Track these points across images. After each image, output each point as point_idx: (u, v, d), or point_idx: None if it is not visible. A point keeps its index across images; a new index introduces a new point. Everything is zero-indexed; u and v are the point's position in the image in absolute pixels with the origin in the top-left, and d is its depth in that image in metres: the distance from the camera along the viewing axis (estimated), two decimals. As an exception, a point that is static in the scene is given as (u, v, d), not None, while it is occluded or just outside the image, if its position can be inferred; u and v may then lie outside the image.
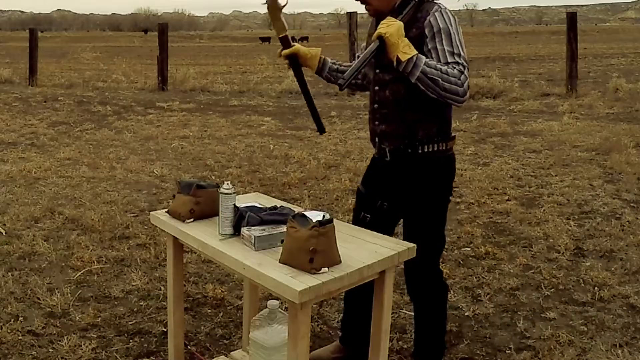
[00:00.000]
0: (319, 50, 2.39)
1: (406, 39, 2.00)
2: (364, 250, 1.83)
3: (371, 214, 2.33)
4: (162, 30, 12.44)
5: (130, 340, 2.75)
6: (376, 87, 2.25)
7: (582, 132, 7.32)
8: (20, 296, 3.14)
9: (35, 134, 7.56)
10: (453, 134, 2.25)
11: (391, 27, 1.98)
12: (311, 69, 2.39)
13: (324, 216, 1.73)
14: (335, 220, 1.76)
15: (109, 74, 15.15)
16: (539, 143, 6.80)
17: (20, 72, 13.96)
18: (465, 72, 2.02)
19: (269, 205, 2.04)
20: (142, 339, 2.77)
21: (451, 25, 2.09)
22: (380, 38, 1.98)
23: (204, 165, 6.00)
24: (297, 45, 2.35)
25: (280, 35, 2.32)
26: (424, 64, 1.98)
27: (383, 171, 2.30)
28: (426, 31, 2.08)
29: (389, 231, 2.34)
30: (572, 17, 10.65)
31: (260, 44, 50.30)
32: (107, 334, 2.80)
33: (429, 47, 2.08)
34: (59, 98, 10.69)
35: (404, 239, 2.16)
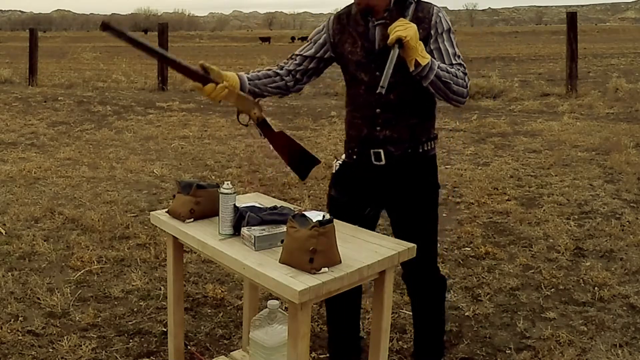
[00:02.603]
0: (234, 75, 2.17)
1: (421, 42, 1.95)
2: (364, 250, 1.83)
3: (357, 222, 2.20)
4: (162, 30, 12.43)
5: (130, 340, 2.76)
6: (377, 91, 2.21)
7: (582, 132, 7.32)
8: (20, 296, 3.14)
9: (35, 134, 7.57)
10: (435, 132, 2.27)
11: (409, 29, 1.91)
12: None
13: (324, 216, 1.73)
14: (335, 220, 1.76)
15: (109, 74, 15.16)
16: (539, 143, 6.80)
17: (20, 72, 13.96)
18: (467, 73, 2.04)
19: (269, 205, 2.04)
20: (142, 339, 2.77)
21: (451, 26, 2.10)
22: (400, 41, 1.90)
23: (204, 165, 6.01)
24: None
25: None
26: (438, 68, 1.97)
27: (369, 177, 2.21)
28: (432, 32, 2.06)
29: None
30: (572, 17, 10.65)
31: (260, 44, 50.34)
32: (107, 334, 2.80)
33: (432, 47, 2.05)
34: (59, 98, 10.69)
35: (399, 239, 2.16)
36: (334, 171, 2.33)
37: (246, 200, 2.17)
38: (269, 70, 2.25)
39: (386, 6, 2.08)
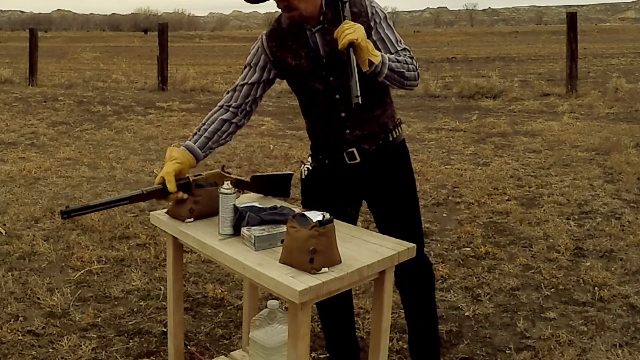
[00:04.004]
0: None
1: (369, 40, 1.93)
2: (364, 250, 1.83)
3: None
4: (162, 30, 12.43)
5: (130, 340, 2.76)
6: (337, 96, 2.09)
7: (582, 132, 7.32)
8: (20, 296, 3.14)
9: (35, 134, 7.57)
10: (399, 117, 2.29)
11: (358, 31, 1.87)
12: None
13: (324, 216, 1.73)
14: (335, 220, 1.76)
15: (109, 74, 15.16)
16: (539, 143, 6.80)
17: (20, 72, 13.95)
18: (414, 56, 2.06)
19: (269, 205, 2.04)
20: (142, 339, 2.77)
21: (386, 14, 2.09)
22: (352, 44, 1.86)
23: (203, 165, 6.00)
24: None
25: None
26: (389, 60, 1.96)
27: (345, 176, 2.18)
28: (371, 23, 2.04)
29: None
30: (572, 17, 10.64)
31: (260, 44, 50.20)
32: (107, 334, 2.80)
33: (375, 38, 2.04)
34: (59, 98, 10.69)
35: (383, 231, 2.15)
36: (302, 177, 2.28)
37: (246, 200, 2.17)
38: (212, 122, 2.15)
39: (319, 11, 2.04)
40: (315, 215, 1.74)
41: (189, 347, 2.66)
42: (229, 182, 1.98)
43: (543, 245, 3.84)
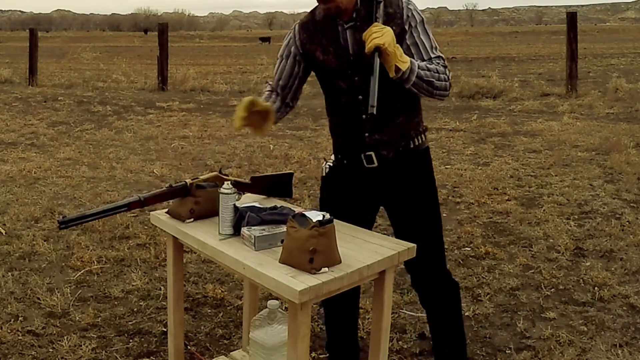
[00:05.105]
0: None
1: (398, 46, 1.88)
2: (364, 250, 1.83)
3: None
4: (162, 30, 12.43)
5: (130, 340, 2.76)
6: (360, 97, 2.04)
7: (582, 132, 7.32)
8: (20, 296, 3.14)
9: (35, 134, 7.57)
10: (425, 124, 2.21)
11: (386, 36, 1.82)
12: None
13: (324, 216, 1.73)
14: (335, 220, 1.76)
15: (109, 74, 15.16)
16: (539, 143, 6.80)
17: (20, 72, 13.96)
18: (447, 65, 2.00)
19: (269, 205, 2.04)
20: (142, 339, 2.77)
21: (424, 18, 2.03)
22: (378, 49, 1.82)
23: (204, 165, 6.00)
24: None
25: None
26: (419, 68, 1.91)
27: (363, 178, 2.15)
28: (405, 27, 1.99)
29: None
30: (572, 17, 10.65)
31: (260, 44, 50.33)
32: (107, 334, 2.80)
33: (409, 42, 1.99)
34: (59, 98, 10.69)
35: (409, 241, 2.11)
36: (323, 174, 2.26)
37: (246, 200, 2.17)
38: (273, 102, 2.13)
39: (353, 7, 2.00)
40: (315, 215, 1.74)
41: (189, 347, 2.66)
42: (229, 182, 1.98)
43: (543, 245, 3.84)
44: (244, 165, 5.99)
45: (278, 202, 2.21)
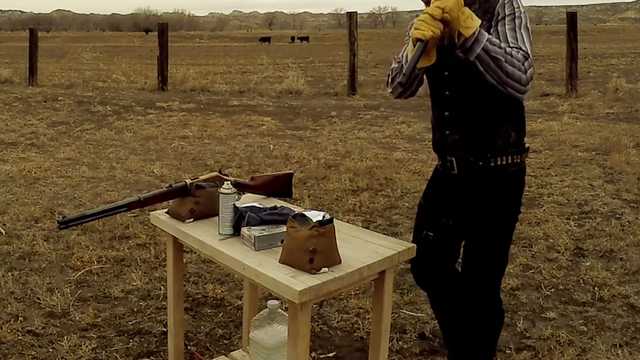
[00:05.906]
0: None
1: (467, 9, 1.73)
2: (364, 250, 1.83)
3: (434, 231, 2.10)
4: (162, 30, 12.43)
5: (130, 340, 2.76)
6: (447, 92, 1.98)
7: (582, 132, 7.32)
8: (20, 296, 3.14)
9: (35, 134, 7.56)
10: (527, 145, 2.04)
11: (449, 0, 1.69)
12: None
13: (324, 216, 1.73)
14: (335, 220, 1.76)
15: (109, 74, 15.15)
16: (539, 143, 6.79)
17: (20, 72, 13.95)
18: (530, 59, 1.80)
19: (269, 205, 2.04)
20: (142, 339, 2.77)
21: (522, 17, 1.87)
22: (419, 40, 1.70)
23: (204, 165, 6.00)
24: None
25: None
26: (487, 40, 1.74)
27: (448, 185, 2.08)
28: (496, 15, 1.86)
29: (455, 251, 2.17)
30: (572, 17, 10.65)
31: (260, 44, 50.35)
32: (107, 334, 2.80)
33: (492, 29, 1.86)
34: (59, 98, 10.69)
35: (464, 260, 2.06)
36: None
37: (246, 200, 2.17)
38: None
39: None
40: (315, 215, 1.74)
41: (189, 347, 2.66)
42: (229, 182, 1.98)
43: (543, 245, 3.84)
44: (244, 165, 5.99)
45: (278, 202, 2.21)
